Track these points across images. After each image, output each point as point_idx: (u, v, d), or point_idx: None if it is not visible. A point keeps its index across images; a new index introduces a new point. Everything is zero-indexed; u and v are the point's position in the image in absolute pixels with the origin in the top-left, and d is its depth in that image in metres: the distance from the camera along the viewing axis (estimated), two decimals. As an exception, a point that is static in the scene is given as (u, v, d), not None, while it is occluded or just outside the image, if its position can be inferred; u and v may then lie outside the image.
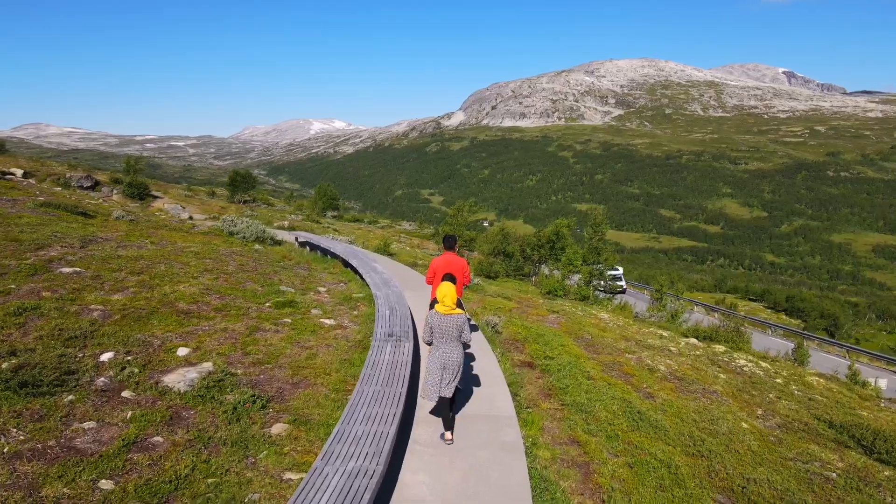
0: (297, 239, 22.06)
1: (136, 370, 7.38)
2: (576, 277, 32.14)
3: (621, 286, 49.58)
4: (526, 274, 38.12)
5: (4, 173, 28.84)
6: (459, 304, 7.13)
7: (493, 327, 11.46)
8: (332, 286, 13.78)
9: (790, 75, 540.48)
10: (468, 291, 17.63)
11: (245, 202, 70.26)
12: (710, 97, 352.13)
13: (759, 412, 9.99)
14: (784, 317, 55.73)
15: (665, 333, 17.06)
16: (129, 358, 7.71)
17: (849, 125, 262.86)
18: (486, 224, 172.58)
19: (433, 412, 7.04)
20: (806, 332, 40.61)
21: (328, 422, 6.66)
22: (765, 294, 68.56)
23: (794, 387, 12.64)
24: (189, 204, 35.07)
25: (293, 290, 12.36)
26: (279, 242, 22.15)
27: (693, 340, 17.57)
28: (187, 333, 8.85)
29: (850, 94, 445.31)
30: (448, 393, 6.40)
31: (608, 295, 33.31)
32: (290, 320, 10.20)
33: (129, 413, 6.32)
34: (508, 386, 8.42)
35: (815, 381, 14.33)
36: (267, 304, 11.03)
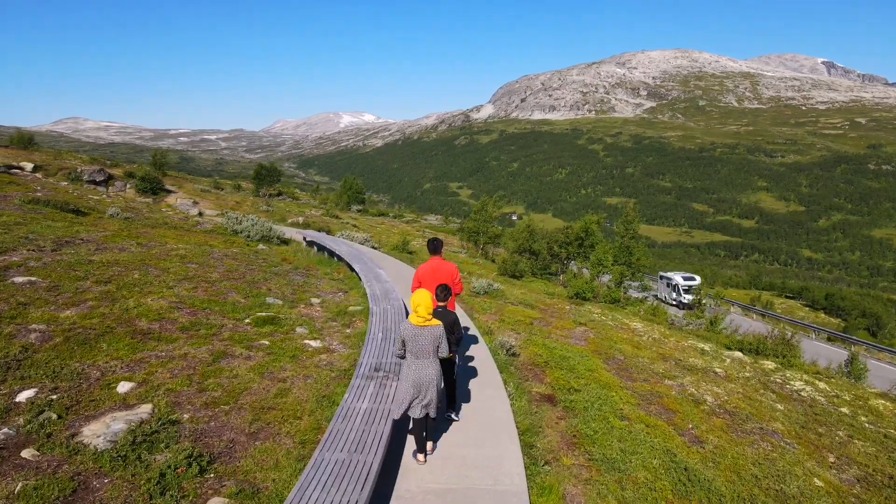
0: (304, 238, 20.61)
1: (55, 416, 5.90)
2: (606, 278, 30.25)
3: (697, 301, 37.81)
4: (553, 272, 36.38)
5: (11, 167, 27.91)
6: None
7: (508, 350, 9.79)
8: (328, 296, 12.22)
9: (830, 65, 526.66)
10: (487, 298, 16.02)
11: (271, 195, 69.52)
12: (746, 88, 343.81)
13: (832, 459, 8.20)
14: (823, 315, 53.17)
15: (707, 347, 15.25)
16: (53, 397, 6.25)
17: (891, 116, 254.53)
18: (514, 218, 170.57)
19: (410, 431, 6.23)
20: (848, 334, 38.12)
21: (283, 493, 5.10)
22: (802, 291, 65.71)
23: (863, 418, 10.77)
24: (203, 199, 33.90)
25: (280, 303, 10.83)
26: (286, 242, 20.73)
27: (738, 354, 15.74)
28: (137, 362, 7.36)
29: (893, 84, 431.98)
30: (430, 412, 5.83)
31: (645, 298, 31.27)
32: (267, 342, 8.66)
33: (20, 485, 4.81)
34: (522, 435, 6.76)
35: (881, 406, 12.42)
36: (246, 321, 9.52)
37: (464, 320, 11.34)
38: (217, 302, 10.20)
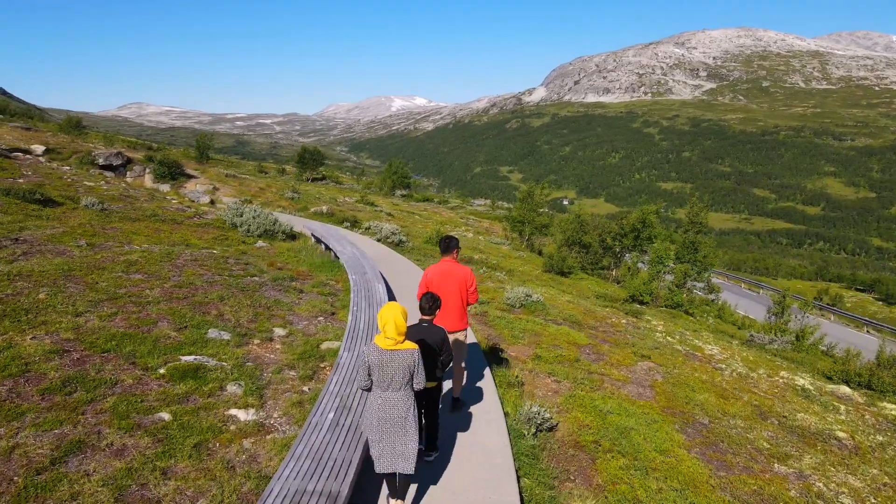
0: (312, 233, 17.72)
1: None
2: (667, 277, 26.66)
3: None
4: (605, 267, 32.92)
5: (15, 150, 25.92)
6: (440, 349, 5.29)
7: (539, 426, 6.54)
8: (301, 323, 9.15)
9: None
10: (524, 314, 12.84)
11: (315, 179, 67.56)
12: (814, 68, 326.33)
13: None
14: (899, 310, 48.52)
15: (807, 383, 11.76)
16: None
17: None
18: (566, 203, 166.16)
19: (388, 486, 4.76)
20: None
21: None
22: (875, 284, 60.56)
23: None
24: (225, 185, 31.49)
25: (227, 337, 7.83)
26: (294, 236, 17.93)
27: (846, 390, 12.24)
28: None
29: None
30: (400, 467, 4.49)
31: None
32: (168, 415, 5.69)
33: None
34: None
35: None
36: (160, 371, 6.57)
37: (479, 365, 8.21)
38: (133, 337, 7.29)
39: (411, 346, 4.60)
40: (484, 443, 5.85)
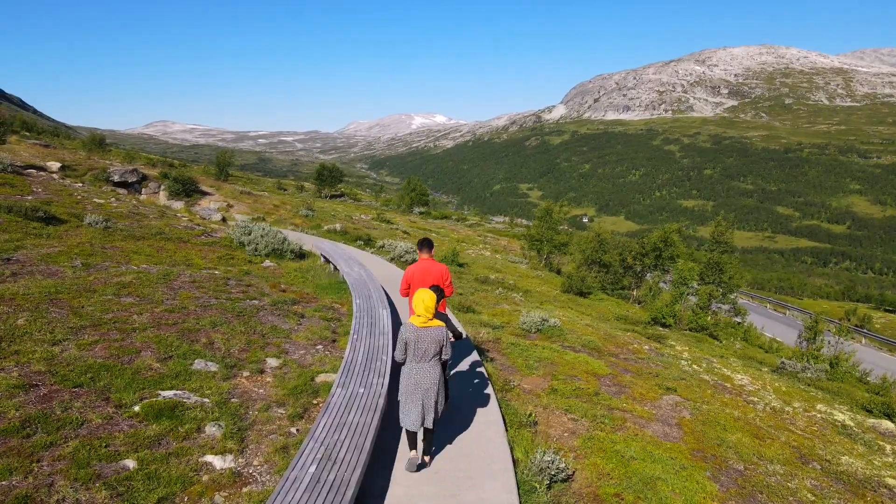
0: (321, 253, 17.15)
1: None
2: (691, 298, 25.74)
3: None
4: (625, 287, 32.07)
5: (29, 167, 25.81)
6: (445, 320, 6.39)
7: (554, 477, 5.83)
8: (298, 352, 8.49)
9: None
10: (540, 339, 12.14)
11: (333, 196, 67.43)
12: (838, 85, 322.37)
13: None
14: (931, 333, 46.77)
15: (845, 418, 10.91)
16: None
17: None
18: (585, 220, 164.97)
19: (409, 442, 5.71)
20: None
21: None
22: (905, 305, 58.87)
23: None
24: (239, 202, 31.18)
25: (214, 369, 7.20)
26: (303, 256, 17.40)
27: (888, 425, 11.41)
28: None
29: None
30: (427, 423, 5.54)
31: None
32: (134, 463, 5.06)
33: None
34: None
35: None
36: (135, 409, 5.96)
37: (488, 401, 7.52)
38: (111, 369, 6.69)
39: (439, 323, 5.62)
40: (487, 502, 5.13)
